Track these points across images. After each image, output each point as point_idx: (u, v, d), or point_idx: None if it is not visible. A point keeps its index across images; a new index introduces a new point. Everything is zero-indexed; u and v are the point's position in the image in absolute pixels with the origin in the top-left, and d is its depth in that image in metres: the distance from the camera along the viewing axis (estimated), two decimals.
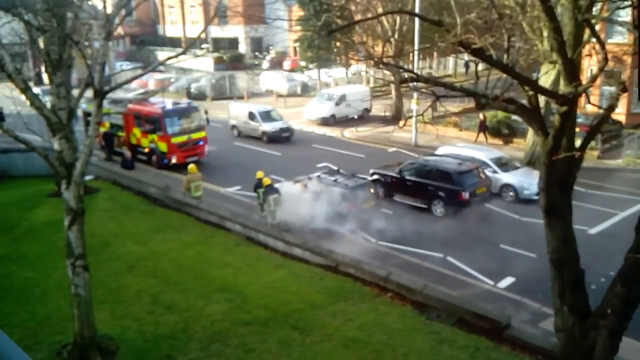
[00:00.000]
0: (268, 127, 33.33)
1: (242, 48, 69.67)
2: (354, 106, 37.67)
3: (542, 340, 12.56)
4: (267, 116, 34.07)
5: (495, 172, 23.27)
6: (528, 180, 22.57)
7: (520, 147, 29.90)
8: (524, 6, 9.45)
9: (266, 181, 20.07)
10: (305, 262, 16.88)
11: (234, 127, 35.21)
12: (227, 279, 15.81)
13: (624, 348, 8.72)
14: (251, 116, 34.10)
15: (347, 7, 40.05)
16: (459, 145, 26.80)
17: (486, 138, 32.10)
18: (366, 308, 14.31)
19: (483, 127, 32.03)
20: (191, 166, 22.03)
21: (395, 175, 22.63)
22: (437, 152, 25.40)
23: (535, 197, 20.86)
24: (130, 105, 28.85)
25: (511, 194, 22.86)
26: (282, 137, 33.14)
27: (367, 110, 39.75)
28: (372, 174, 23.51)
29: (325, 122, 37.37)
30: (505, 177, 23.26)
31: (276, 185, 20.88)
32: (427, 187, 21.47)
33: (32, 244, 18.10)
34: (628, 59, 22.81)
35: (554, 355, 10.91)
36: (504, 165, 24.11)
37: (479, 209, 21.33)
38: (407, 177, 22.24)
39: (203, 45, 59.59)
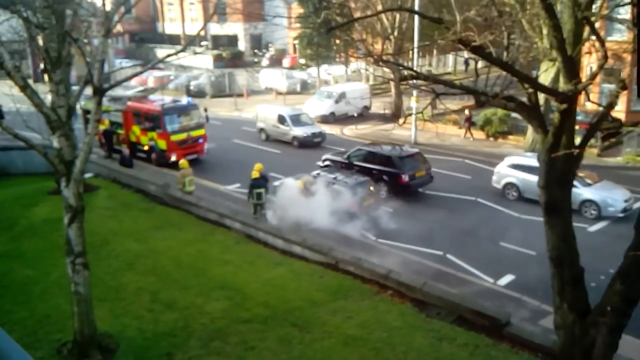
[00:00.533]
0: (299, 131, 31.56)
1: (242, 45, 69.63)
2: (354, 104, 37.66)
3: (542, 338, 12.57)
4: (297, 120, 32.22)
5: (574, 187, 22.06)
6: (612, 196, 21.13)
7: (519, 144, 29.91)
8: (523, 4, 9.45)
9: (254, 174, 20.14)
10: (304, 260, 16.88)
11: (261, 130, 33.43)
12: (227, 277, 15.81)
13: (624, 346, 8.73)
14: (281, 119, 32.19)
15: (346, 5, 40.07)
16: (527, 155, 24.65)
17: (471, 134, 32.25)
18: (366, 306, 14.32)
19: (469, 123, 32.42)
20: (183, 161, 22.73)
21: (344, 160, 24.46)
22: (505, 161, 23.81)
23: (621, 215, 20.31)
24: (129, 103, 28.83)
25: (593, 210, 20.83)
26: (314, 143, 31.38)
27: (367, 107, 39.75)
28: (324, 160, 25.45)
29: (325, 119, 37.34)
30: (586, 193, 21.07)
31: (276, 183, 20.92)
32: (372, 171, 23.02)
33: (32, 242, 18.10)
34: (628, 57, 22.80)
35: (554, 353, 10.92)
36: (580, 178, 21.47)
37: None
38: (355, 163, 23.99)
39: (202, 43, 59.57)
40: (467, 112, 32.16)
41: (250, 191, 20.12)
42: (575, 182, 22.06)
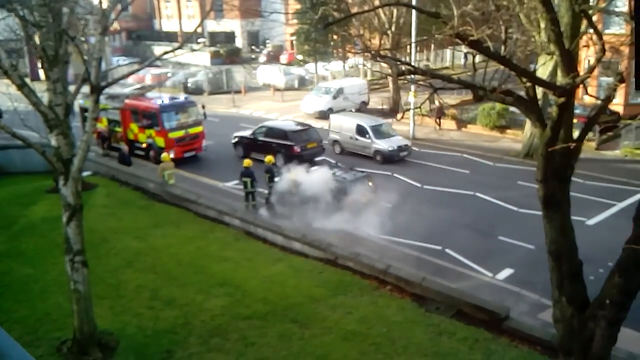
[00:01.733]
0: (384, 145, 27.49)
1: (239, 42, 69.49)
2: (352, 99, 37.63)
3: (541, 332, 12.61)
4: (379, 131, 28.33)
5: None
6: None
7: (517, 138, 29.92)
8: None
9: (246, 163, 21.12)
10: (304, 256, 16.90)
11: (335, 142, 29.45)
12: (227, 274, 15.83)
13: (623, 338, 8.75)
14: (360, 131, 28.21)
15: (343, 0, 40.00)
16: None
17: (439, 125, 32.53)
18: (365, 301, 14.34)
19: (440, 114, 33.13)
20: (164, 155, 23.72)
21: (249, 136, 28.04)
22: None
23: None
24: (127, 101, 28.78)
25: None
26: (400, 157, 27.57)
27: (365, 103, 39.71)
28: (234, 137, 28.83)
29: (323, 115, 37.28)
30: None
31: (275, 179, 20.94)
32: (271, 145, 26.75)
33: (31, 241, 18.10)
34: (625, 50, 22.76)
35: (553, 346, 10.95)
36: None
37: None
38: (259, 138, 27.55)
39: (199, 40, 59.41)
40: (437, 103, 32.34)
41: (240, 179, 21.22)
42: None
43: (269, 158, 21.87)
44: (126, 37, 76.80)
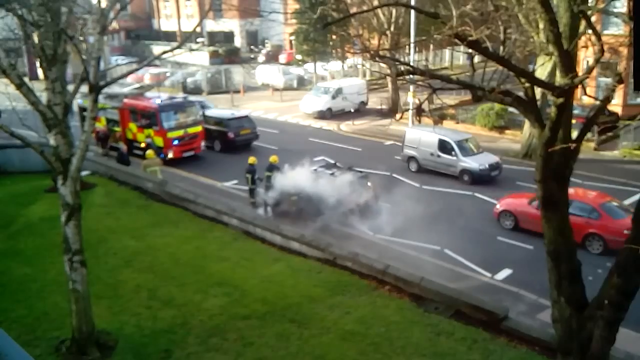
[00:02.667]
0: (473, 163, 24.24)
1: (238, 42, 69.46)
2: (351, 99, 37.62)
3: (540, 332, 12.62)
4: (464, 147, 24.98)
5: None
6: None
7: (516, 139, 29.94)
8: None
9: (251, 160, 21.62)
10: (302, 256, 16.89)
11: (410, 159, 26.09)
12: (225, 273, 15.82)
13: (621, 339, 8.76)
14: (443, 147, 24.89)
15: (342, 0, 39.98)
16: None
17: (419, 121, 32.74)
18: (364, 301, 14.34)
19: (420, 111, 33.35)
20: (149, 152, 24.34)
21: None
22: None
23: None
24: (126, 100, 28.77)
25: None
26: (491, 177, 24.25)
27: (364, 103, 39.71)
28: None
29: (322, 115, 37.32)
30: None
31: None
32: (210, 131, 29.38)
33: (29, 240, 18.07)
34: (624, 50, 22.84)
35: (551, 347, 10.95)
36: None
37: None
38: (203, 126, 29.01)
39: (198, 39, 59.42)
40: (417, 100, 32.87)
41: (245, 176, 21.74)
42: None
43: (273, 158, 21.70)
44: (125, 36, 76.76)
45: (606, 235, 17.06)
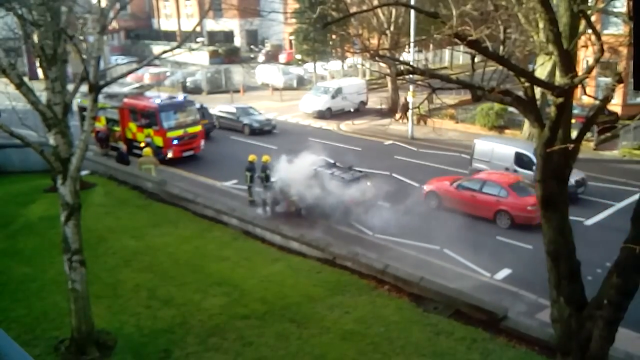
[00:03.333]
0: None
1: (238, 41, 69.40)
2: (350, 99, 37.61)
3: (539, 332, 12.62)
4: None
5: None
6: None
7: (516, 138, 29.92)
8: None
9: (251, 158, 21.77)
10: (302, 256, 16.89)
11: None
12: (224, 273, 15.82)
13: (620, 338, 8.76)
14: (522, 160, 22.26)
15: (342, 0, 39.96)
16: None
17: (407, 118, 32.94)
18: (363, 301, 14.34)
19: (405, 109, 34.05)
20: (146, 150, 24.54)
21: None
22: None
23: None
24: (125, 100, 28.75)
25: None
26: (577, 194, 21.38)
27: (363, 103, 39.69)
28: None
29: (322, 115, 37.29)
30: None
31: (273, 179, 20.98)
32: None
33: (29, 240, 18.07)
34: (624, 50, 22.81)
35: (551, 346, 10.96)
36: None
37: None
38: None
39: (198, 39, 59.32)
40: (403, 99, 34.98)
41: (245, 174, 21.90)
42: None
43: (265, 157, 21.89)
44: (125, 36, 76.68)
45: (512, 211, 18.91)
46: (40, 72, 12.26)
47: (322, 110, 37.47)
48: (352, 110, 37.71)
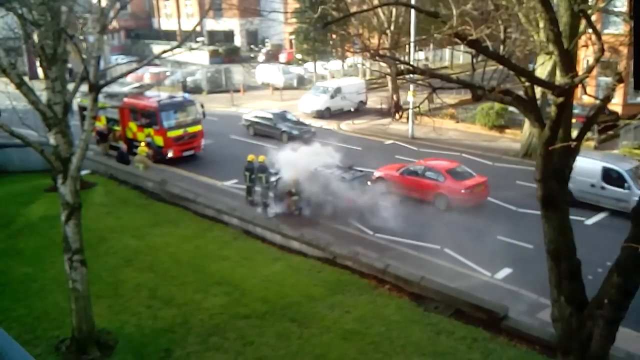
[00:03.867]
0: None
1: (238, 41, 69.36)
2: (349, 99, 37.56)
3: (539, 331, 12.62)
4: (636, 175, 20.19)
5: None
6: None
7: (516, 138, 29.92)
8: None
9: (259, 158, 21.47)
10: (302, 255, 16.90)
11: None
12: (225, 273, 15.82)
13: (621, 338, 8.76)
14: (609, 176, 20.36)
15: None
16: None
17: (400, 116, 33.65)
18: (364, 300, 14.35)
19: (397, 108, 34.94)
20: (141, 148, 25.40)
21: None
22: None
23: None
24: (126, 99, 28.75)
25: None
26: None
27: (363, 102, 39.66)
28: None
29: (321, 115, 37.25)
30: None
31: (273, 178, 21.00)
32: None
33: (29, 239, 18.08)
34: (624, 50, 22.81)
35: (551, 346, 10.96)
36: None
37: None
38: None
39: (198, 39, 59.29)
40: (394, 97, 36.41)
41: (244, 173, 21.66)
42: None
43: (261, 157, 21.77)
44: (125, 35, 76.67)
45: (449, 194, 20.47)
46: (40, 71, 12.25)
47: (321, 110, 37.44)
48: (351, 110, 37.68)
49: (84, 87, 12.14)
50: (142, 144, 27.24)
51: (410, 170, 22.00)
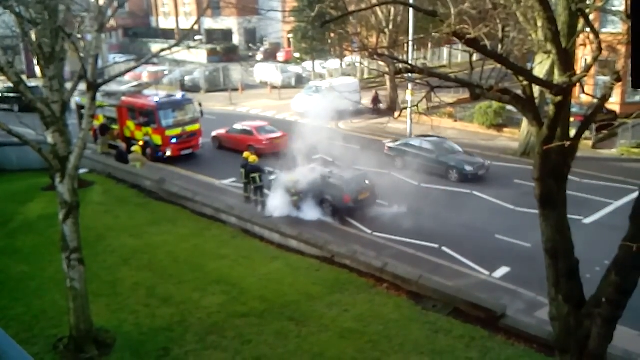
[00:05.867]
0: None
1: (236, 40, 69.33)
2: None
3: (537, 329, 12.64)
4: None
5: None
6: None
7: (514, 137, 29.95)
8: None
9: (250, 158, 21.46)
10: (301, 254, 16.90)
11: None
12: (223, 271, 15.82)
13: (619, 336, 8.77)
14: None
15: None
16: None
17: (378, 112, 34.30)
18: (362, 299, 14.35)
19: (376, 102, 35.88)
20: (135, 147, 26.21)
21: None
22: None
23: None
24: (124, 98, 28.72)
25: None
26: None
27: (357, 102, 39.54)
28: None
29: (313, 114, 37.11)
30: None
31: (271, 178, 21.00)
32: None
33: (27, 238, 18.06)
34: (622, 49, 22.83)
35: (549, 344, 10.97)
36: None
37: None
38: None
39: (196, 37, 59.25)
40: (374, 92, 38.36)
41: (246, 176, 21.62)
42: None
43: (252, 157, 21.81)
44: (123, 34, 76.56)
45: (255, 144, 26.55)
46: (38, 70, 12.23)
47: (315, 109, 37.26)
48: (351, 109, 37.59)
49: (82, 86, 12.12)
50: (140, 142, 27.24)
51: (232, 129, 29.41)
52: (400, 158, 25.80)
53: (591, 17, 8.35)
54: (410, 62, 12.57)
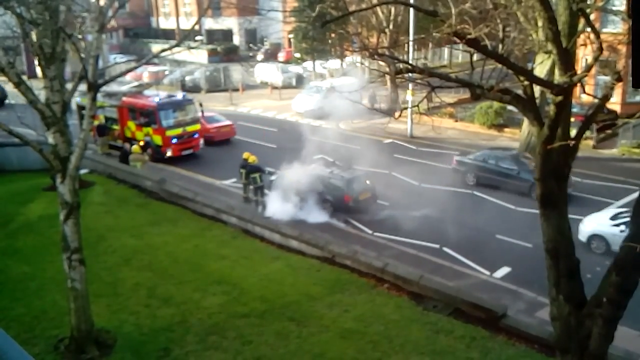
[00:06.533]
0: None
1: (236, 40, 69.30)
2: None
3: (538, 330, 12.63)
4: None
5: None
6: None
7: (515, 137, 29.94)
8: None
9: (250, 158, 21.41)
10: (301, 254, 16.90)
11: None
12: (224, 272, 15.82)
13: (620, 336, 8.76)
14: None
15: None
16: None
17: (374, 109, 33.23)
18: (363, 299, 14.35)
19: (372, 100, 35.39)
20: (135, 147, 25.93)
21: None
22: None
23: None
24: (124, 99, 28.73)
25: None
26: None
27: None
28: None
29: (314, 114, 37.14)
30: None
31: (272, 178, 20.99)
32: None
33: (28, 238, 18.06)
34: (623, 48, 22.81)
35: (550, 344, 10.96)
36: None
37: None
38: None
39: (197, 38, 59.24)
40: (371, 91, 37.16)
41: (246, 176, 21.59)
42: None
43: (252, 158, 21.75)
44: (123, 34, 76.57)
45: (205, 133, 29.26)
46: (38, 70, 12.23)
47: (314, 109, 37.29)
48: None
49: (83, 87, 12.12)
50: (141, 142, 27.24)
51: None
52: (471, 174, 23.68)
53: (592, 16, 8.34)
54: (410, 62, 12.56)
